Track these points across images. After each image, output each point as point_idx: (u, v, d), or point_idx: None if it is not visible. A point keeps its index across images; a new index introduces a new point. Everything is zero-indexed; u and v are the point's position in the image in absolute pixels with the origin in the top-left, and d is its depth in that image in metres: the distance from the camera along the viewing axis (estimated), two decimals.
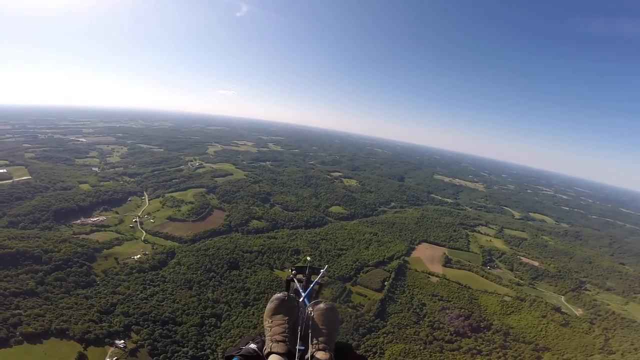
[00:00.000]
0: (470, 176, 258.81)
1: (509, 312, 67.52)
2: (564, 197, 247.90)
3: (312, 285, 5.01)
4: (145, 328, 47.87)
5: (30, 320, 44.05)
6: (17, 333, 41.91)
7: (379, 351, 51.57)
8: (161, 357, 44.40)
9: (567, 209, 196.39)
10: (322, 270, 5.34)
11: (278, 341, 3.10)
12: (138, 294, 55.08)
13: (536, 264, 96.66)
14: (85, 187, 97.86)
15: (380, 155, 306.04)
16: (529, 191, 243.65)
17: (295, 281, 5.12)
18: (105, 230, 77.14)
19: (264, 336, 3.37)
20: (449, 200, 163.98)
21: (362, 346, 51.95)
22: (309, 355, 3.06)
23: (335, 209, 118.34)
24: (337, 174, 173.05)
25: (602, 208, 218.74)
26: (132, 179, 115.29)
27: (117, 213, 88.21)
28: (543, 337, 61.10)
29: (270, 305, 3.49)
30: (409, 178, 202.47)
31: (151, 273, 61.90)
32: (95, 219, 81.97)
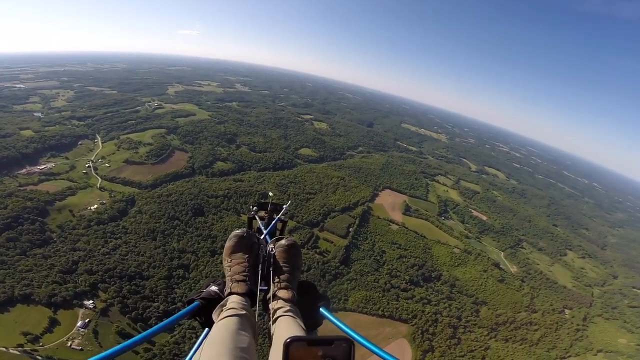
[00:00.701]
0: (435, 127, 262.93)
1: (456, 264, 73.78)
2: (517, 154, 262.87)
3: (273, 222, 4.76)
4: (113, 285, 46.28)
5: None
6: None
7: (343, 298, 54.94)
8: (133, 314, 43.74)
9: (518, 166, 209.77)
10: (284, 207, 5.18)
11: (238, 281, 2.93)
12: (100, 249, 52.09)
13: (484, 218, 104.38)
14: (27, 133, 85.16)
15: (352, 100, 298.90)
16: (487, 146, 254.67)
17: (257, 219, 4.86)
18: (56, 179, 69.46)
19: (224, 278, 3.15)
20: (414, 149, 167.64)
21: (329, 293, 54.65)
22: (270, 294, 2.93)
23: (304, 151, 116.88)
24: (308, 116, 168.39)
25: (548, 169, 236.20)
26: (82, 122, 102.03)
27: (67, 159, 79.28)
28: (482, 291, 67.72)
29: (228, 243, 3.26)
30: (378, 125, 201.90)
31: (111, 224, 58.15)
32: (42, 167, 73.24)
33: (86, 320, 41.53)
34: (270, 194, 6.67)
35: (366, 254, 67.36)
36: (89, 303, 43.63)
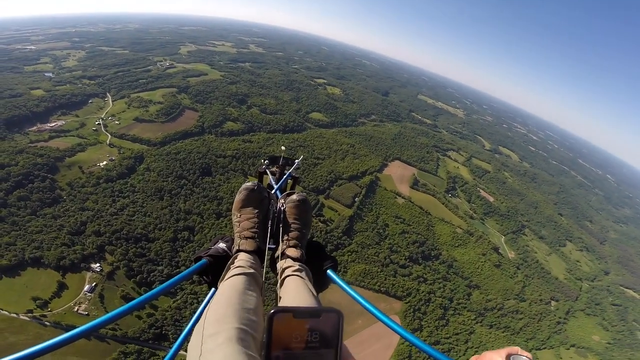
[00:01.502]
0: (453, 102, 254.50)
1: (457, 244, 73.62)
2: (535, 137, 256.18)
3: (284, 177, 4.68)
4: (119, 248, 46.21)
5: (2, 251, 41.25)
6: None
7: (342, 269, 55.20)
8: (138, 278, 44.03)
9: (534, 149, 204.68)
10: (296, 161, 5.07)
11: (247, 237, 2.86)
12: (107, 209, 51.87)
13: (491, 199, 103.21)
14: (38, 92, 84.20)
15: (368, 67, 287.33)
16: (504, 125, 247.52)
17: (268, 173, 4.79)
18: (66, 136, 68.78)
19: (234, 235, 3.05)
20: (428, 121, 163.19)
21: None
22: (279, 252, 2.85)
23: (315, 115, 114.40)
24: (321, 80, 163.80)
25: (564, 156, 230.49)
26: (93, 82, 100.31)
27: (77, 116, 78.39)
28: (478, 274, 67.95)
29: (238, 197, 3.14)
30: (393, 94, 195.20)
31: (119, 182, 57.74)
32: (53, 124, 72.49)
33: (93, 284, 42.03)
34: (283, 147, 6.33)
35: (369, 226, 67.24)
36: (95, 266, 44.07)
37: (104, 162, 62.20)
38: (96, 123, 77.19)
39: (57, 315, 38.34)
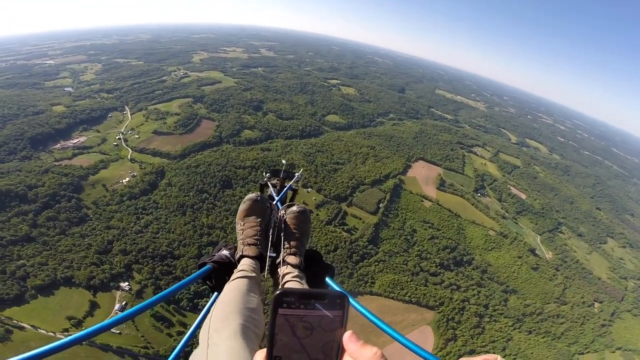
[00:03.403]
0: (472, 94, 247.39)
1: (490, 247, 69.39)
2: (562, 127, 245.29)
3: (285, 190, 4.81)
4: (146, 266, 46.24)
5: (36, 271, 42.07)
6: (29, 287, 40.44)
7: (369, 281, 52.69)
8: None
9: (563, 140, 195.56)
10: (297, 175, 5.29)
11: (250, 244, 3.05)
12: (132, 227, 52.04)
13: (523, 196, 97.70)
14: (59, 108, 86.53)
15: (381, 65, 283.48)
16: (529, 117, 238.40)
17: (270, 185, 4.94)
18: (89, 152, 70.48)
19: (237, 242, 3.27)
20: (449, 117, 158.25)
21: (355, 275, 52.78)
22: (280, 259, 3.00)
23: (331, 117, 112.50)
24: (334, 81, 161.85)
25: (595, 145, 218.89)
26: (111, 95, 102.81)
27: (98, 132, 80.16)
28: (514, 278, 63.81)
29: (242, 206, 3.36)
30: (410, 90, 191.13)
31: (142, 199, 58.04)
32: (75, 141, 74.21)
33: (123, 303, 42.15)
34: (284, 161, 6.72)
35: (396, 233, 64.06)
36: (124, 285, 44.19)
37: (127, 179, 62.68)
38: (117, 138, 78.28)
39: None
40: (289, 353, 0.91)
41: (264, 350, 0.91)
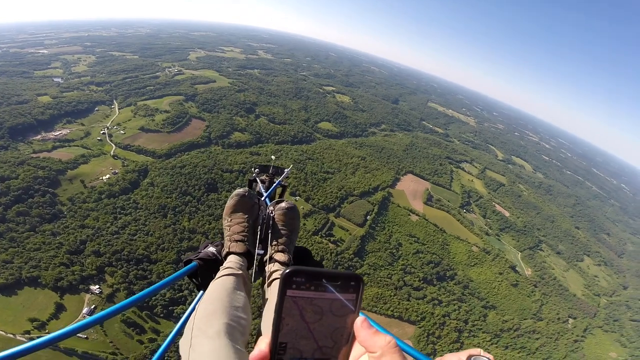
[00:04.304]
0: (463, 109, 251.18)
1: (473, 263, 70.60)
2: (547, 146, 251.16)
3: (274, 186, 4.76)
4: (120, 269, 44.19)
5: None
6: None
7: None
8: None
9: (547, 159, 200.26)
10: (286, 170, 5.24)
11: (237, 241, 2.95)
12: (108, 227, 49.69)
13: (507, 214, 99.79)
14: (45, 99, 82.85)
15: (377, 74, 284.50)
16: (516, 134, 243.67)
17: (258, 181, 4.93)
18: (70, 146, 67.08)
19: (223, 239, 3.21)
20: (440, 130, 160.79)
21: None
22: (267, 256, 2.97)
23: (324, 125, 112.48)
24: (330, 88, 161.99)
25: (578, 165, 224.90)
26: (100, 88, 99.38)
27: (82, 125, 76.87)
28: (494, 294, 64.99)
29: (230, 202, 3.24)
30: (403, 102, 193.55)
31: (122, 198, 55.54)
32: (57, 133, 70.95)
33: (92, 307, 40.18)
34: (273, 157, 6.50)
35: (382, 246, 64.46)
36: (95, 288, 42.18)
37: (107, 176, 59.98)
38: (101, 132, 75.44)
39: None
40: (295, 339, 0.83)
41: (269, 334, 0.84)
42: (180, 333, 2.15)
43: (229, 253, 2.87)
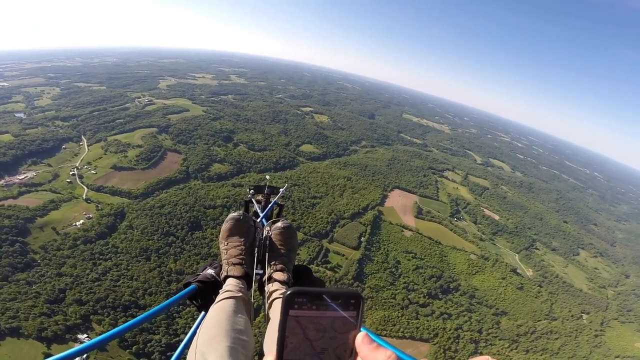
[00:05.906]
0: (436, 117, 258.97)
1: (474, 271, 69.34)
2: (519, 144, 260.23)
3: (270, 206, 4.80)
4: (107, 317, 40.69)
5: None
6: None
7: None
8: (134, 349, 38.42)
9: (522, 157, 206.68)
10: (281, 190, 5.24)
11: (235, 264, 2.94)
12: (88, 274, 45.80)
13: (497, 217, 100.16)
14: (6, 137, 76.47)
15: (350, 90, 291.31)
16: (489, 136, 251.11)
17: (254, 202, 4.86)
18: (37, 190, 62.00)
19: (222, 262, 3.16)
20: (418, 141, 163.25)
21: None
22: (266, 276, 2.93)
23: (306, 147, 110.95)
24: (307, 108, 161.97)
25: (551, 160, 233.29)
26: (67, 123, 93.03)
27: (49, 165, 71.29)
28: (502, 300, 63.80)
29: (225, 226, 3.26)
30: (379, 116, 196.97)
31: (99, 243, 51.59)
32: (22, 177, 65.38)
33: (84, 357, 35.84)
34: (267, 177, 4.96)
35: (380, 267, 62.31)
36: (83, 337, 38.64)
37: (81, 221, 55.33)
38: (70, 173, 69.59)
39: None
40: (300, 356, 0.85)
41: (273, 353, 0.86)
42: (182, 357, 2.10)
43: (227, 277, 2.83)
